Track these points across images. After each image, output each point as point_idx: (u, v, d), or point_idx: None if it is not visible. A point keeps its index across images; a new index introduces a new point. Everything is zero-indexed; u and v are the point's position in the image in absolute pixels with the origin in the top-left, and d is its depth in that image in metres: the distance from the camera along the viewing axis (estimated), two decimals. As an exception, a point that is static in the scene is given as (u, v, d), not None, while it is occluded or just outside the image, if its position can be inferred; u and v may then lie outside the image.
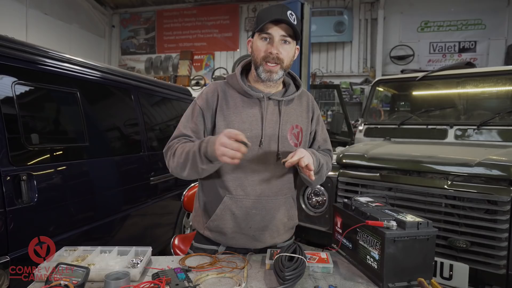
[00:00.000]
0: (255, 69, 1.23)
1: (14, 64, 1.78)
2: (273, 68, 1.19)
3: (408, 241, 1.06)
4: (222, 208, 1.24)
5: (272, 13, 1.16)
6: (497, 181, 1.68)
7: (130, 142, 2.76)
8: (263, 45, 1.19)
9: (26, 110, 1.82)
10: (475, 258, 1.67)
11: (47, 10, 8.60)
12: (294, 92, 1.30)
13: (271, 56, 1.17)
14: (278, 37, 1.17)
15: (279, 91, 1.30)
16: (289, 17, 1.15)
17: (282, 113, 1.26)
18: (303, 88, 1.37)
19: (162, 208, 3.10)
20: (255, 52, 1.22)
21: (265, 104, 1.24)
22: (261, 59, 1.19)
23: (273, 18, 1.14)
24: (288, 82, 1.34)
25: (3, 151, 1.61)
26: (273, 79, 1.21)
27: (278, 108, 1.27)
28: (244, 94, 1.25)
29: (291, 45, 1.20)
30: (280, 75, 1.22)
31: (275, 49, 1.17)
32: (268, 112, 1.25)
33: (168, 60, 10.50)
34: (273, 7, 1.18)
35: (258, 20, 1.20)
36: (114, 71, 2.67)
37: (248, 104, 1.25)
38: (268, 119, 1.25)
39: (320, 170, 1.28)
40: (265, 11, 1.20)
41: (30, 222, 1.70)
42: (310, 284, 1.05)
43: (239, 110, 1.24)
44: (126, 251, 1.18)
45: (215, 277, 1.08)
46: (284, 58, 1.19)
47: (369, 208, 1.23)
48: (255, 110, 1.24)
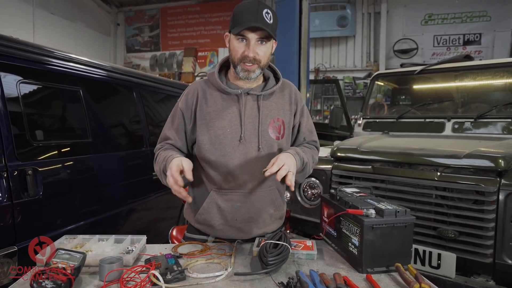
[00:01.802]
0: (233, 67, 1.26)
1: (19, 64, 1.85)
2: (251, 68, 1.21)
3: (386, 228, 1.11)
4: (208, 202, 1.30)
5: (247, 16, 1.16)
6: (485, 172, 1.72)
7: (132, 138, 2.84)
8: (240, 46, 1.20)
9: (30, 108, 1.91)
10: (463, 247, 1.72)
11: (53, 10, 8.74)
12: (273, 86, 1.33)
13: (248, 58, 1.19)
14: (254, 40, 1.18)
15: (259, 85, 1.33)
16: (265, 18, 1.16)
17: (261, 108, 1.29)
18: (285, 80, 1.39)
19: (165, 202, 3.18)
20: (232, 51, 1.23)
21: (243, 100, 1.27)
22: (238, 60, 1.21)
23: (248, 26, 1.15)
24: (268, 75, 1.36)
25: (9, 147, 1.70)
26: (251, 78, 1.24)
27: (257, 103, 1.29)
28: (222, 92, 1.29)
29: (267, 44, 1.22)
30: (258, 73, 1.25)
31: (251, 52, 1.19)
32: (247, 108, 1.28)
33: (173, 57, 10.59)
34: (249, 8, 1.18)
35: (234, 19, 1.20)
36: (116, 69, 2.74)
37: (227, 101, 1.28)
38: (247, 115, 1.28)
39: (304, 168, 1.31)
40: (240, 10, 1.20)
41: (35, 215, 1.79)
42: (293, 269, 1.11)
43: (218, 107, 1.28)
44: (122, 239, 1.26)
45: (204, 262, 1.15)
46: (261, 58, 1.21)
47: (353, 198, 1.29)
48: (233, 107, 1.28)
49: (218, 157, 1.27)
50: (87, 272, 1.06)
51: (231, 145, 1.26)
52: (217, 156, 1.27)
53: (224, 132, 1.26)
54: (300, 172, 1.29)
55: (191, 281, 1.02)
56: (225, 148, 1.26)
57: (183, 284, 1.00)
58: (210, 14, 10.14)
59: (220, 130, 1.26)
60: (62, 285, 0.88)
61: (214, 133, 1.26)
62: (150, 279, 0.97)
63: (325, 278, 1.03)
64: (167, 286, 0.95)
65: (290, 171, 1.13)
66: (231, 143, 1.27)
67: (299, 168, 1.23)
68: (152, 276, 0.97)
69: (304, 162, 1.28)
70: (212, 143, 1.26)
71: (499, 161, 1.68)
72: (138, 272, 1.02)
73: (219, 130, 1.26)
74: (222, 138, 1.26)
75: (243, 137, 1.26)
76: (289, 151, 1.24)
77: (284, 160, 1.14)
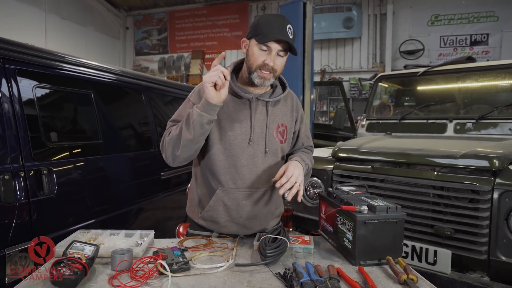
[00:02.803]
0: (249, 73, 1.30)
1: (35, 70, 1.96)
2: (267, 76, 1.28)
3: (378, 224, 1.18)
4: (215, 200, 1.38)
5: (274, 29, 1.22)
6: (480, 172, 1.77)
7: (141, 139, 2.94)
8: (261, 55, 1.26)
9: (45, 111, 2.01)
10: (459, 244, 1.77)
11: (64, 15, 8.98)
12: (280, 94, 1.42)
13: (267, 67, 1.26)
14: (275, 50, 1.25)
15: (267, 92, 1.41)
16: (288, 32, 1.24)
17: (269, 113, 1.37)
18: (289, 89, 1.48)
19: (173, 202, 3.27)
20: (251, 57, 1.28)
21: (254, 105, 1.36)
22: (257, 67, 1.27)
23: (276, 38, 1.22)
24: (275, 83, 1.44)
25: (26, 148, 1.80)
26: (265, 85, 1.33)
27: (265, 108, 1.38)
28: (234, 95, 1.36)
29: (285, 57, 1.31)
30: (271, 82, 1.33)
31: (271, 62, 1.25)
32: (257, 112, 1.36)
33: (180, 59, 10.75)
34: (275, 21, 1.25)
35: (258, 29, 1.25)
36: (125, 73, 2.85)
37: (238, 104, 1.36)
38: (257, 119, 1.36)
39: (308, 173, 1.43)
40: (267, 23, 1.25)
41: (50, 212, 1.89)
42: (290, 262, 1.19)
43: (229, 109, 1.35)
44: (131, 233, 1.36)
45: (207, 255, 1.23)
46: (278, 68, 1.29)
47: (348, 196, 1.36)
48: (245, 110, 1.36)
49: (227, 157, 1.35)
50: (100, 262, 1.15)
51: (240, 146, 1.35)
52: (226, 156, 1.35)
53: (234, 134, 1.34)
54: (305, 176, 1.38)
55: (195, 271, 1.10)
56: (235, 149, 1.34)
57: (188, 273, 1.08)
58: (217, 17, 10.28)
59: (230, 131, 1.34)
60: (78, 272, 0.97)
61: (224, 134, 1.34)
62: (157, 269, 1.06)
63: (320, 269, 1.10)
64: (172, 275, 1.04)
65: (299, 188, 1.24)
66: (241, 144, 1.35)
67: (305, 172, 1.35)
68: (159, 265, 1.06)
69: (308, 168, 1.41)
70: (222, 144, 1.34)
71: (493, 161, 1.73)
72: (146, 262, 1.11)
73: (229, 131, 1.34)
74: (232, 139, 1.34)
75: (252, 139, 1.35)
76: (296, 158, 1.34)
77: (293, 171, 1.25)
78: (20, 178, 1.73)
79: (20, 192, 1.71)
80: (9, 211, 1.66)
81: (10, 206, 1.66)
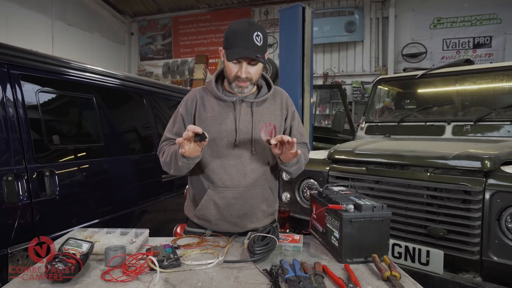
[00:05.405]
0: (228, 83, 1.39)
1: (38, 75, 2.03)
2: (244, 85, 1.35)
3: (364, 222, 1.21)
4: (206, 199, 1.43)
5: (239, 43, 1.26)
6: (472, 173, 1.79)
7: (143, 142, 3.00)
8: (233, 67, 1.33)
9: (48, 115, 2.08)
10: (452, 245, 1.78)
11: (70, 21, 9.15)
12: (266, 93, 1.46)
13: (241, 78, 1.33)
14: (245, 63, 1.31)
15: (252, 93, 1.46)
16: (255, 41, 1.27)
17: (254, 114, 1.42)
18: (277, 87, 1.53)
19: (174, 204, 3.32)
20: (226, 69, 1.37)
21: (238, 107, 1.41)
22: (232, 78, 1.35)
23: (240, 56, 1.27)
24: (261, 84, 1.49)
25: (29, 151, 1.86)
26: (244, 92, 1.40)
27: (250, 109, 1.43)
28: (219, 99, 1.42)
29: (257, 65, 1.35)
30: (251, 88, 1.40)
31: (244, 73, 1.32)
32: (242, 114, 1.41)
33: (184, 64, 10.86)
34: (240, 33, 1.28)
35: (227, 42, 1.32)
36: (127, 77, 2.91)
37: (223, 108, 1.42)
38: (242, 120, 1.41)
39: (299, 161, 1.43)
40: (232, 36, 1.30)
41: (52, 213, 1.95)
42: (279, 259, 1.22)
43: (215, 113, 1.41)
44: (127, 232, 1.40)
45: (199, 252, 1.27)
46: (253, 76, 1.35)
47: (337, 195, 1.39)
48: (229, 113, 1.41)
49: (215, 159, 1.40)
50: (95, 259, 1.20)
51: (227, 147, 1.40)
52: (214, 157, 1.41)
53: (221, 136, 1.40)
54: (295, 165, 1.40)
55: (185, 267, 1.14)
56: (222, 150, 1.40)
57: (178, 269, 1.12)
58: (220, 22, 10.38)
59: (216, 134, 1.39)
60: (72, 267, 1.02)
61: (211, 136, 1.38)
62: (148, 265, 1.10)
63: (306, 266, 1.13)
64: (161, 270, 1.08)
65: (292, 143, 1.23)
66: (227, 145, 1.40)
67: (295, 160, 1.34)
68: (149, 261, 1.10)
69: (304, 158, 1.45)
70: (210, 146, 1.39)
71: (485, 162, 1.75)
72: (138, 259, 1.15)
73: (215, 134, 1.39)
74: (219, 141, 1.40)
75: (237, 140, 1.39)
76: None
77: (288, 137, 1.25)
78: (23, 179, 1.79)
79: (22, 193, 1.77)
80: (12, 211, 1.71)
81: (13, 207, 1.72)
